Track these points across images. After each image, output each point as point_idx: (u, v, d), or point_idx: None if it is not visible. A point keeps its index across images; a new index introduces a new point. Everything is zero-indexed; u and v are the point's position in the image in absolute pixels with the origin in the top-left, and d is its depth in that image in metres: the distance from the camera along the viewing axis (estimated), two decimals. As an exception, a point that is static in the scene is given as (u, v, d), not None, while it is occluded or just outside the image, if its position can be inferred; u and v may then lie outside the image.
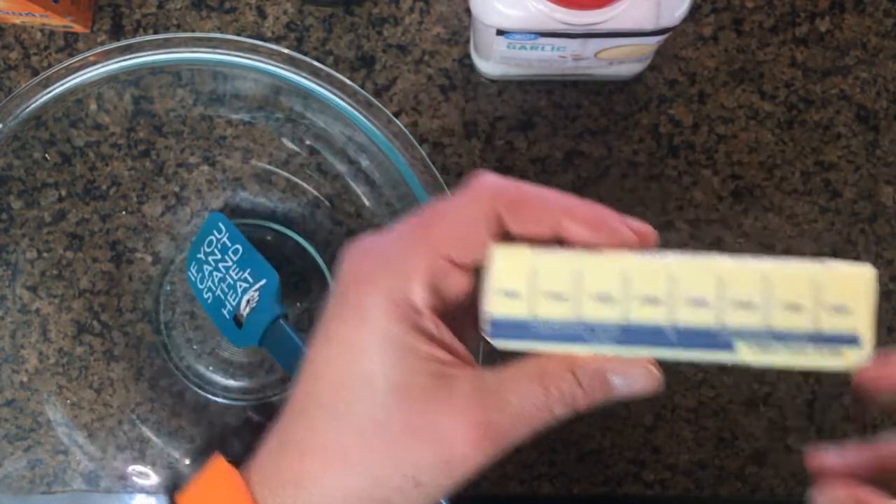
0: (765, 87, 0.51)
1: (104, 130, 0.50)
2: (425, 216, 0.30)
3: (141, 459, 0.52)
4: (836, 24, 0.50)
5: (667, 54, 0.51)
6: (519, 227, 0.29)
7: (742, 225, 0.51)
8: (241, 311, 0.48)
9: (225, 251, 0.49)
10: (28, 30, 0.51)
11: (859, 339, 0.28)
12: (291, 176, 0.51)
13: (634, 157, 0.51)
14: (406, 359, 0.28)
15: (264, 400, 0.53)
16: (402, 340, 0.28)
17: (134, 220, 0.52)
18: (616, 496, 0.52)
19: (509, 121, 0.51)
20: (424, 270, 0.28)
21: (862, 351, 0.28)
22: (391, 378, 0.28)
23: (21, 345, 0.51)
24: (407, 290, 0.28)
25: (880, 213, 0.51)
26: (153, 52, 0.45)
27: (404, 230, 0.30)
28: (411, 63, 0.51)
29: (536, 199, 0.29)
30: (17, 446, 0.51)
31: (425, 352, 0.28)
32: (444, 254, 0.28)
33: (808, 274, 0.27)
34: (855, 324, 0.28)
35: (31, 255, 0.51)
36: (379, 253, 0.30)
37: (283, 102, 0.49)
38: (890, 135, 0.51)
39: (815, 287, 0.27)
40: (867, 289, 0.28)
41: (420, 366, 0.28)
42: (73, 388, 0.52)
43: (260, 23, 0.51)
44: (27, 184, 0.51)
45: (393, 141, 0.45)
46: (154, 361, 0.53)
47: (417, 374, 0.28)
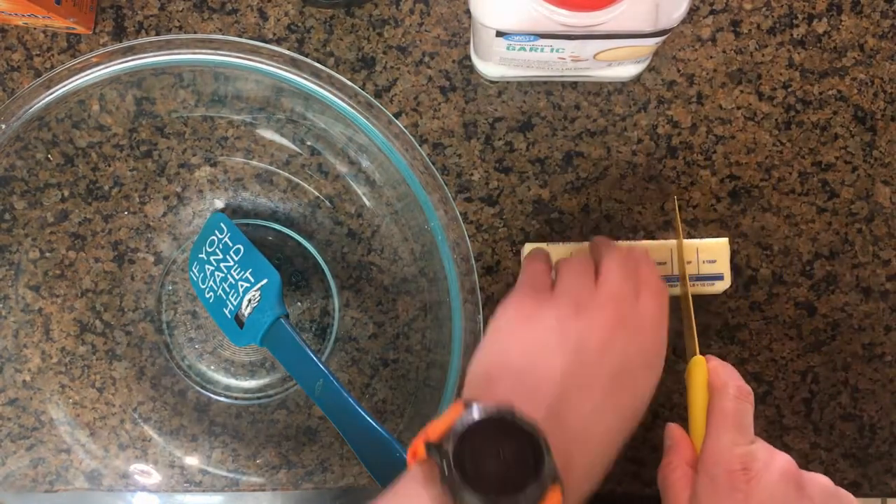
0: (763, 88, 0.51)
1: (106, 131, 0.50)
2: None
3: (143, 458, 0.52)
4: (834, 25, 0.51)
5: (665, 55, 0.51)
6: None
7: (740, 225, 0.51)
8: (242, 311, 0.48)
9: (226, 251, 0.50)
10: (31, 31, 0.52)
11: (723, 276, 0.49)
12: (292, 176, 0.52)
13: (633, 158, 0.51)
14: None
15: (266, 399, 0.53)
16: None
17: (136, 220, 0.52)
18: (615, 495, 0.52)
19: (509, 121, 0.51)
20: None
21: (725, 283, 0.49)
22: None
23: (24, 344, 0.52)
24: None
25: (877, 213, 0.51)
26: (155, 53, 0.45)
27: None
28: (411, 64, 0.51)
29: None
30: (20, 445, 0.52)
31: None
32: None
33: (694, 245, 0.49)
34: (719, 269, 0.49)
35: (34, 254, 0.51)
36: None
37: (284, 103, 0.49)
38: (887, 135, 0.51)
39: (697, 251, 0.49)
40: (725, 250, 0.49)
41: None
42: (75, 387, 0.52)
43: (261, 24, 0.51)
44: (30, 184, 0.51)
45: (393, 141, 0.45)
46: (156, 361, 0.53)
47: None
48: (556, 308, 0.40)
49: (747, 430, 0.40)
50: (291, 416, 0.53)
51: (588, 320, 0.39)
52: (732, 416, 0.39)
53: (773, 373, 0.52)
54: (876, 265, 0.51)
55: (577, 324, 0.39)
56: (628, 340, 0.39)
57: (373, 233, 0.52)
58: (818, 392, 0.52)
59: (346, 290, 0.52)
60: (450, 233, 0.45)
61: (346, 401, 0.45)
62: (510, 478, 0.32)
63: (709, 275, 0.48)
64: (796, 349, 0.52)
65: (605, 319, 0.39)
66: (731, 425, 0.39)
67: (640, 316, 0.40)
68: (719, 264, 0.48)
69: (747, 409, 0.40)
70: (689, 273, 0.48)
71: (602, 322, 0.39)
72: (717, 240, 0.49)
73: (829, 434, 0.52)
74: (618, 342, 0.39)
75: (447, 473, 0.32)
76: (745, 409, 0.40)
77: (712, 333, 0.51)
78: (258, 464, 0.52)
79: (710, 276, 0.48)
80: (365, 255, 0.52)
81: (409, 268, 0.51)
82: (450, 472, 0.32)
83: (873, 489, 0.52)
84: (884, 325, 0.51)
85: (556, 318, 0.39)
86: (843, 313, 0.51)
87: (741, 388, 0.40)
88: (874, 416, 0.52)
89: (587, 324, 0.39)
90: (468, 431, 0.33)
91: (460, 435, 0.33)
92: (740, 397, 0.40)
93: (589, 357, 0.38)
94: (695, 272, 0.48)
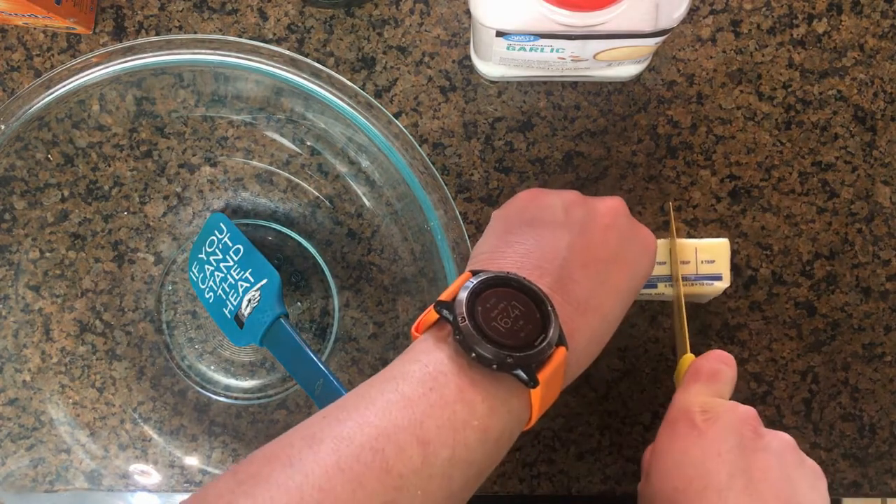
0: (763, 89, 0.51)
1: (106, 131, 0.51)
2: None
3: (143, 458, 0.52)
4: (834, 25, 0.51)
5: (665, 55, 0.51)
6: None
7: (740, 225, 0.51)
8: (242, 311, 0.48)
9: (226, 251, 0.50)
10: (31, 31, 0.52)
11: (722, 277, 0.48)
12: (292, 176, 0.52)
13: (633, 158, 0.51)
14: None
15: (266, 399, 0.53)
16: None
17: (136, 220, 0.52)
18: (615, 495, 0.52)
19: (509, 121, 0.51)
20: None
21: (724, 283, 0.48)
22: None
23: (24, 344, 0.52)
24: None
25: (877, 213, 0.51)
26: (155, 53, 0.45)
27: None
28: (411, 64, 0.51)
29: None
30: (20, 445, 0.52)
31: None
32: None
33: (693, 245, 0.48)
34: (718, 269, 0.48)
35: (34, 254, 0.51)
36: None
37: (284, 103, 0.49)
38: (887, 135, 0.51)
39: (696, 251, 0.48)
40: (725, 251, 0.48)
41: None
42: (75, 387, 0.52)
43: (261, 24, 0.51)
44: (30, 184, 0.51)
45: (393, 141, 0.45)
46: (156, 361, 0.53)
47: None
48: (561, 196, 0.42)
49: (718, 388, 0.41)
50: (291, 416, 0.53)
51: (592, 207, 0.41)
52: (705, 373, 0.41)
53: (773, 373, 0.52)
54: (876, 265, 0.51)
55: (582, 209, 0.41)
56: (627, 228, 0.41)
57: (373, 233, 0.52)
58: (818, 392, 0.52)
59: (346, 290, 0.52)
60: (450, 233, 0.45)
61: (346, 401, 0.45)
62: (519, 335, 0.33)
63: (707, 275, 0.48)
64: (796, 349, 0.52)
65: (608, 208, 0.41)
66: (702, 380, 0.41)
67: (635, 222, 0.43)
68: (718, 264, 0.48)
69: (724, 371, 0.42)
70: (688, 272, 0.48)
71: (605, 209, 0.41)
72: (717, 240, 0.49)
73: (829, 434, 0.52)
74: (618, 227, 0.41)
75: (460, 327, 0.33)
76: (720, 371, 0.41)
77: (712, 333, 0.52)
78: (258, 464, 0.52)
79: (709, 276, 0.48)
80: (365, 255, 0.52)
81: (409, 268, 0.51)
82: (463, 325, 0.33)
83: (873, 489, 0.52)
84: (884, 325, 0.51)
85: (563, 203, 0.41)
86: (843, 313, 0.51)
87: (721, 354, 0.42)
88: (874, 416, 0.52)
89: (592, 209, 0.41)
90: (478, 291, 0.34)
91: (471, 293, 0.34)
92: (717, 359, 0.42)
93: (592, 238, 0.40)
94: (693, 272, 0.49)
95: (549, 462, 0.52)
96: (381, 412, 0.31)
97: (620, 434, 0.52)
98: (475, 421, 0.32)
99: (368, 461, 0.30)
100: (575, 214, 0.40)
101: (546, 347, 0.33)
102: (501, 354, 0.32)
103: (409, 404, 0.32)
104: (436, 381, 0.32)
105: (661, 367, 0.51)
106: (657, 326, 0.51)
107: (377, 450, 0.30)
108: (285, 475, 0.29)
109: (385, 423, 0.31)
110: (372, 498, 0.29)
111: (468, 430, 0.32)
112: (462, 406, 0.32)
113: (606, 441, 0.52)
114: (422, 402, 0.32)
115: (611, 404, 0.52)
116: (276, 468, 0.30)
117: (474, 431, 0.32)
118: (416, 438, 0.31)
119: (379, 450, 0.30)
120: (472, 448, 0.32)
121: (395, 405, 0.31)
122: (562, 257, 0.38)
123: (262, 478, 0.29)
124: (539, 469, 0.52)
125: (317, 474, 0.29)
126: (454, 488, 0.32)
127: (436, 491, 0.31)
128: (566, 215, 0.40)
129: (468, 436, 0.32)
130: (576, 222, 0.40)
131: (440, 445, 0.31)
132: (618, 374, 0.51)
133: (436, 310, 0.34)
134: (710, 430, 0.39)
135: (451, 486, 0.32)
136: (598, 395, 0.52)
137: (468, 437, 0.32)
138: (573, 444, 0.52)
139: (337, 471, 0.29)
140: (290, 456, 0.30)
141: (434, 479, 0.31)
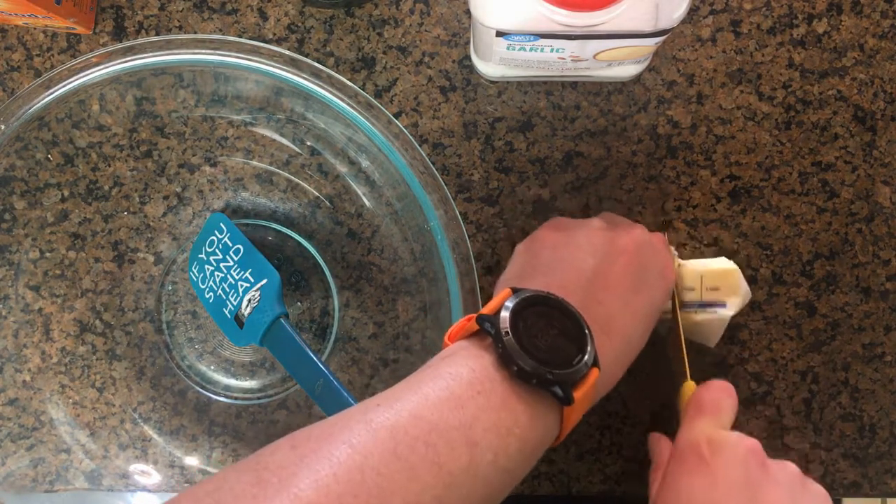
0: (763, 89, 0.51)
1: (106, 131, 0.51)
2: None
3: (143, 458, 0.52)
4: (834, 25, 0.51)
5: (665, 55, 0.51)
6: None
7: (740, 225, 0.51)
8: (242, 311, 0.48)
9: (226, 251, 0.50)
10: (31, 31, 0.52)
11: (727, 304, 0.48)
12: (292, 176, 0.52)
13: (633, 158, 0.51)
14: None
15: (266, 399, 0.53)
16: None
17: (136, 220, 0.52)
18: (615, 495, 0.52)
19: (509, 122, 0.51)
20: None
21: (728, 311, 0.48)
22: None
23: (24, 344, 0.52)
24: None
25: (877, 213, 0.51)
26: (155, 53, 0.45)
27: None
28: (411, 64, 0.51)
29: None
30: (20, 445, 0.52)
31: None
32: None
33: (699, 272, 0.48)
34: (722, 297, 0.48)
35: (34, 254, 0.51)
36: None
37: (284, 103, 0.49)
38: (887, 135, 0.51)
39: (701, 279, 0.48)
40: (732, 276, 0.48)
41: None
42: (75, 387, 0.52)
43: (261, 24, 0.51)
44: (30, 184, 0.51)
45: (393, 141, 0.45)
46: (156, 361, 0.53)
47: None
48: (585, 226, 0.44)
49: (721, 419, 0.42)
50: (291, 416, 0.53)
51: (614, 234, 0.43)
52: (708, 406, 0.42)
53: (773, 373, 0.52)
54: (876, 265, 0.51)
55: (605, 235, 0.43)
56: (648, 253, 0.43)
57: (373, 233, 0.52)
58: (818, 392, 0.52)
59: (346, 290, 0.52)
60: (450, 233, 0.45)
61: (346, 401, 0.45)
62: (559, 353, 0.34)
63: (710, 301, 0.48)
64: (796, 349, 0.52)
65: (629, 237, 0.43)
66: (706, 413, 0.42)
67: (654, 242, 0.45)
68: (723, 292, 0.48)
69: (726, 402, 0.43)
70: (692, 299, 0.48)
71: (628, 237, 0.43)
72: (723, 263, 0.48)
73: (829, 434, 0.52)
74: (640, 254, 0.43)
75: (504, 340, 0.33)
76: (722, 402, 0.43)
77: (712, 333, 0.52)
78: (258, 464, 0.52)
79: (712, 303, 0.48)
80: (365, 255, 0.52)
81: (409, 268, 0.51)
82: (507, 338, 0.33)
83: (873, 489, 0.52)
84: (884, 325, 0.51)
85: (586, 231, 0.43)
86: (843, 313, 0.51)
87: (722, 384, 0.43)
88: (874, 416, 0.52)
89: (613, 236, 0.43)
90: (520, 307, 0.35)
91: (514, 309, 0.35)
92: (719, 390, 0.43)
93: (615, 262, 0.41)
94: (697, 299, 0.48)
95: (549, 462, 0.52)
96: (434, 409, 0.32)
97: (620, 434, 0.52)
98: (517, 429, 0.33)
99: (423, 453, 0.30)
100: (598, 242, 0.42)
101: (583, 367, 0.34)
102: (542, 370, 0.33)
103: (459, 404, 0.32)
104: (483, 385, 0.33)
105: (661, 367, 0.51)
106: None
107: (430, 444, 0.31)
108: (346, 454, 0.30)
109: (437, 419, 0.31)
110: (425, 491, 0.30)
111: (510, 437, 0.32)
112: (506, 414, 0.33)
113: (606, 441, 0.52)
114: (471, 405, 0.32)
115: (611, 404, 0.52)
116: (335, 447, 0.30)
117: (515, 440, 0.33)
118: (465, 438, 0.31)
119: (432, 444, 0.31)
120: (512, 456, 0.33)
121: (446, 403, 0.32)
122: (586, 279, 0.40)
123: (324, 455, 0.30)
124: (539, 469, 0.52)
125: (375, 458, 0.30)
126: (492, 494, 0.33)
127: (479, 492, 0.32)
128: (589, 243, 0.42)
129: (510, 443, 0.32)
130: (598, 250, 0.42)
131: (486, 448, 0.32)
132: (618, 374, 0.52)
133: (478, 322, 0.35)
134: (718, 463, 0.40)
135: (491, 491, 0.32)
136: (598, 395, 0.52)
137: (510, 445, 0.32)
138: (573, 444, 0.52)
139: (394, 458, 0.30)
140: (350, 438, 0.30)
141: (478, 480, 0.31)
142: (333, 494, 0.28)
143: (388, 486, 0.29)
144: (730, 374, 0.52)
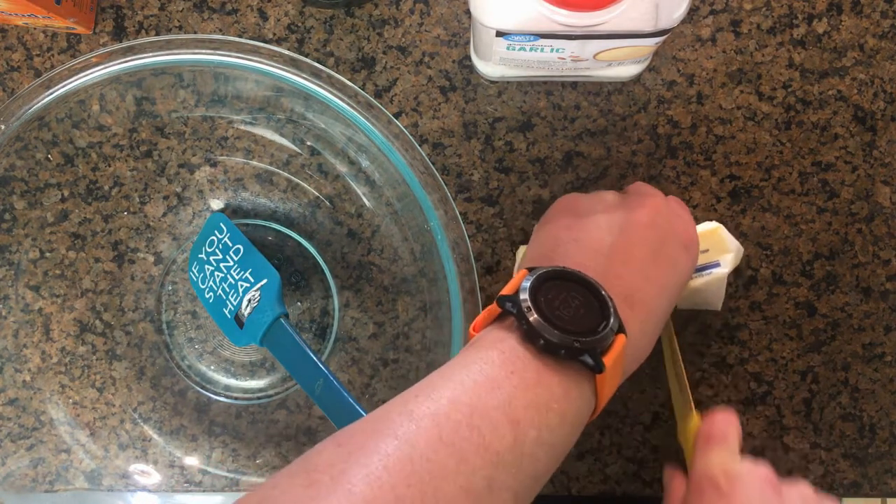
0: (763, 89, 0.51)
1: (106, 131, 0.51)
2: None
3: (143, 458, 0.52)
4: (834, 25, 0.51)
5: (665, 56, 0.51)
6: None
7: (740, 225, 0.51)
8: (242, 311, 0.48)
9: (226, 251, 0.50)
10: (31, 31, 0.52)
11: (720, 263, 0.47)
12: (292, 176, 0.52)
13: (633, 158, 0.51)
14: None
15: (266, 399, 0.53)
16: None
17: (136, 220, 0.52)
18: (615, 495, 0.52)
19: (509, 121, 0.51)
20: None
21: (724, 268, 0.47)
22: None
23: (24, 344, 0.52)
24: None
25: (877, 213, 0.51)
26: (155, 53, 0.45)
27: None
28: (411, 64, 0.51)
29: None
30: (20, 445, 0.52)
31: None
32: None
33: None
34: (714, 256, 0.47)
35: (34, 254, 0.51)
36: None
37: (284, 103, 0.49)
38: (887, 135, 0.51)
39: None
40: (716, 234, 0.47)
41: None
42: (75, 387, 0.52)
43: (261, 24, 0.51)
44: (30, 184, 0.51)
45: (393, 141, 0.45)
46: (156, 361, 0.53)
47: None
48: (601, 201, 0.43)
49: (732, 447, 0.43)
50: (291, 416, 0.53)
51: (631, 209, 0.42)
52: (717, 437, 0.43)
53: (773, 373, 0.52)
54: (876, 265, 0.51)
55: (621, 211, 0.42)
56: (667, 223, 0.43)
57: (373, 233, 0.52)
58: (818, 392, 0.52)
59: (346, 290, 0.52)
60: (450, 233, 0.45)
61: (346, 401, 0.45)
62: (583, 322, 0.34)
63: (703, 265, 0.48)
64: (796, 349, 0.52)
65: (647, 207, 0.42)
66: (716, 444, 0.43)
67: (673, 208, 0.44)
68: (713, 252, 0.47)
69: (731, 430, 0.43)
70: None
71: (644, 209, 0.42)
72: (706, 226, 0.48)
73: (829, 434, 0.52)
74: (658, 224, 0.42)
75: (527, 316, 0.34)
76: (729, 431, 0.43)
77: (712, 333, 0.52)
78: (258, 464, 0.52)
79: (705, 265, 0.48)
80: (365, 255, 0.52)
81: (409, 268, 0.51)
82: (530, 314, 0.34)
83: (873, 489, 0.52)
84: (884, 325, 0.51)
85: (603, 207, 0.43)
86: (843, 313, 0.51)
87: (725, 414, 0.44)
88: (874, 416, 0.52)
89: (630, 210, 0.42)
90: (538, 283, 0.35)
91: (532, 284, 0.35)
92: (724, 421, 0.44)
93: (633, 235, 0.41)
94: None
95: (549, 462, 0.52)
96: (471, 392, 0.32)
97: (620, 434, 0.52)
98: (554, 403, 0.33)
99: (467, 437, 0.31)
100: (613, 218, 0.42)
101: (609, 333, 0.34)
102: (569, 339, 0.33)
103: (496, 385, 0.32)
104: (515, 364, 0.33)
105: (660, 368, 0.51)
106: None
107: (473, 426, 0.31)
108: (393, 446, 0.30)
109: (477, 402, 0.32)
110: (475, 472, 0.30)
111: (550, 412, 0.33)
112: (542, 389, 0.33)
113: (606, 441, 0.52)
114: (507, 384, 0.32)
115: (611, 404, 0.52)
116: (381, 440, 0.30)
117: (555, 414, 0.33)
118: (507, 417, 0.32)
119: (475, 426, 0.31)
120: (554, 430, 0.33)
121: (482, 386, 0.32)
122: (603, 255, 0.40)
123: (371, 449, 0.30)
124: (539, 469, 0.52)
125: (422, 446, 0.30)
126: (540, 469, 0.33)
127: (526, 469, 0.32)
128: (605, 217, 0.42)
129: (550, 418, 0.33)
130: (615, 223, 0.41)
131: (528, 425, 0.32)
132: (618, 374, 0.52)
133: (499, 303, 0.35)
134: (735, 493, 0.40)
135: (538, 466, 0.33)
136: (598, 395, 0.52)
137: (550, 419, 0.33)
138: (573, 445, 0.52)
139: (441, 444, 0.30)
140: (394, 430, 0.31)
141: (525, 458, 0.32)
142: (387, 486, 0.28)
143: (439, 471, 0.29)
144: (730, 374, 0.52)
